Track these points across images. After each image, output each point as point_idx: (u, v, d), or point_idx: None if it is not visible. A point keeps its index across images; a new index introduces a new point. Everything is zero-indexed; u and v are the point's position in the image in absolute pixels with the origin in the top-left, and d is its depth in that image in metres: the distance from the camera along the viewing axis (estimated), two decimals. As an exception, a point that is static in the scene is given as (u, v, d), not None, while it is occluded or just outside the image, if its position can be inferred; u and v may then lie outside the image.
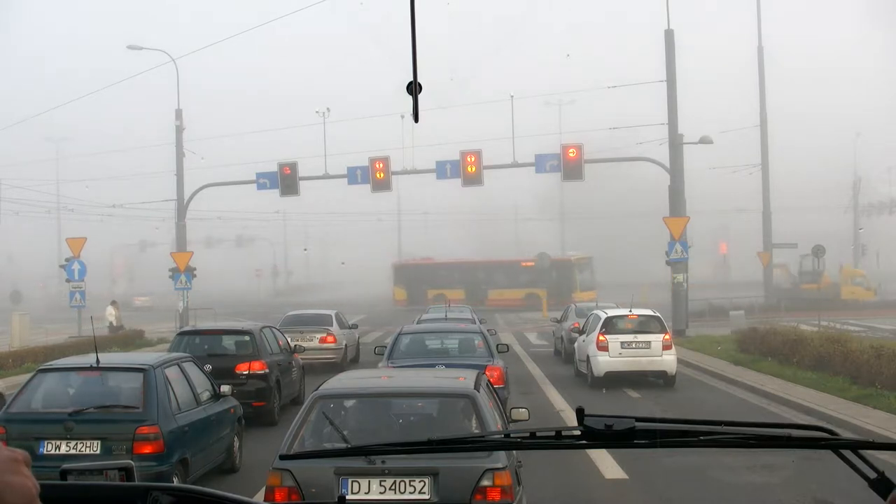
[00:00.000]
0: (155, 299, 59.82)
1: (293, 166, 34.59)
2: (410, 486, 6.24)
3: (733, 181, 44.61)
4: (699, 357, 23.36)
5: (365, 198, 38.59)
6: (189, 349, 14.53)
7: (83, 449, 8.80)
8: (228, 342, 15.90)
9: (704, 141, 31.31)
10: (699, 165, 37.59)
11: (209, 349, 15.25)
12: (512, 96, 35.00)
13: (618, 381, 18.35)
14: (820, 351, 18.37)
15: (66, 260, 30.46)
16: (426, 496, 6.21)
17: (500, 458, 6.30)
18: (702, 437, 2.30)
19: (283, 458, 6.07)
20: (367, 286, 64.96)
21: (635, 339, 18.64)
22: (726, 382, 19.27)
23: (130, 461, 2.47)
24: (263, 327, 16.49)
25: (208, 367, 12.62)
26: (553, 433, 2.32)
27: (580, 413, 2.24)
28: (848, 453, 2.27)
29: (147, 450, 8.71)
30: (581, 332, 20.65)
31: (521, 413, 8.50)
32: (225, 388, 11.00)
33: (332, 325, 23.21)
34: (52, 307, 53.46)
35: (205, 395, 10.41)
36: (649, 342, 18.59)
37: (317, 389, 7.25)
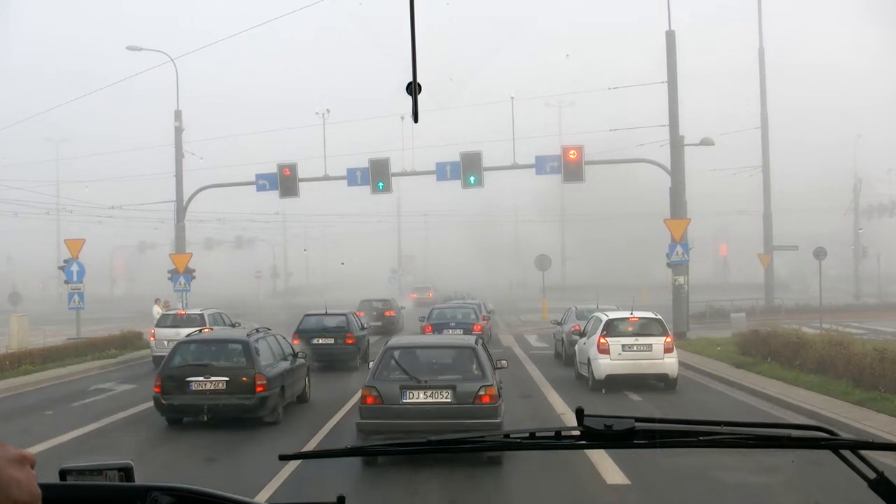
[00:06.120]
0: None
1: (293, 168, 34.51)
2: (440, 394, 11.47)
3: (734, 183, 44.59)
4: (700, 360, 23.23)
5: (365, 199, 38.49)
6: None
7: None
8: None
9: (706, 142, 31.21)
10: (700, 167, 37.50)
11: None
12: (512, 97, 34.94)
13: (619, 384, 18.23)
14: (822, 354, 18.25)
15: (65, 261, 30.38)
16: (449, 399, 11.42)
17: (489, 379, 11.54)
18: (701, 438, 2.28)
19: (282, 458, 6.28)
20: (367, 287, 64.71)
21: (636, 342, 18.51)
22: (728, 385, 19.15)
23: (130, 461, 2.42)
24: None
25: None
26: (553, 433, 2.31)
27: (580, 413, 2.23)
28: (848, 454, 2.26)
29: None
30: (582, 334, 20.53)
31: (502, 364, 13.28)
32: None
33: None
34: (48, 309, 53.34)
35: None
36: (650, 345, 18.46)
37: (386, 344, 12.93)
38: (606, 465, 10.50)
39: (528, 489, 9.94)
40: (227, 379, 14.60)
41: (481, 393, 11.30)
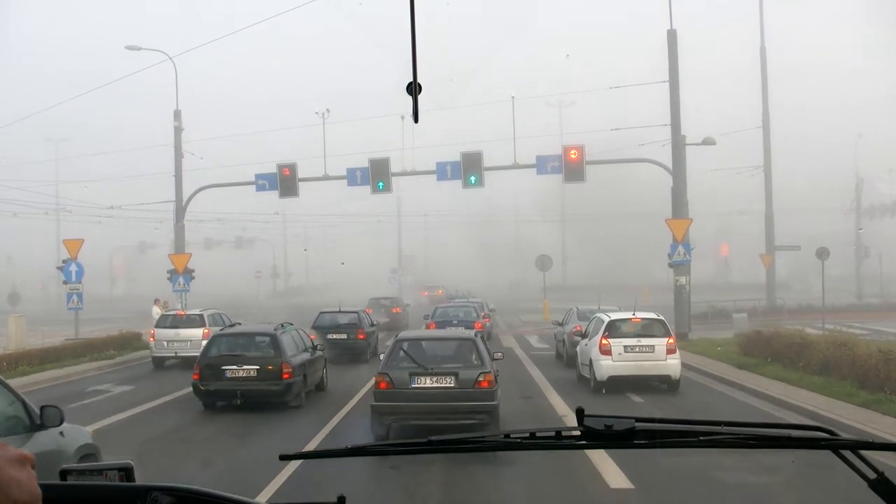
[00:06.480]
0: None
1: (292, 168, 34.36)
2: (444, 379, 12.79)
3: (735, 182, 44.39)
4: (702, 361, 23.07)
5: (365, 199, 38.36)
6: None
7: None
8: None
9: (707, 142, 31.05)
10: (701, 166, 37.33)
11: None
12: (513, 97, 34.73)
13: (621, 385, 18.07)
14: (826, 355, 18.07)
15: (64, 261, 30.22)
16: (452, 385, 12.74)
17: (488, 367, 12.95)
18: (701, 438, 2.28)
19: (282, 458, 6.50)
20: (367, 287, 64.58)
21: (639, 343, 18.35)
22: (731, 387, 19.00)
23: (130, 461, 2.45)
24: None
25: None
26: (553, 433, 2.30)
27: (580, 413, 2.22)
28: (848, 454, 2.25)
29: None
30: (584, 335, 20.37)
31: (498, 355, 14.83)
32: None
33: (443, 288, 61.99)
34: (48, 309, 53.18)
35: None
36: (653, 346, 18.29)
37: (397, 336, 14.36)
38: (609, 468, 10.35)
39: (530, 494, 9.80)
40: (258, 367, 16.48)
41: (480, 379, 12.78)
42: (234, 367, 16.45)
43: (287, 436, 13.86)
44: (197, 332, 25.20)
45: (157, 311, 29.81)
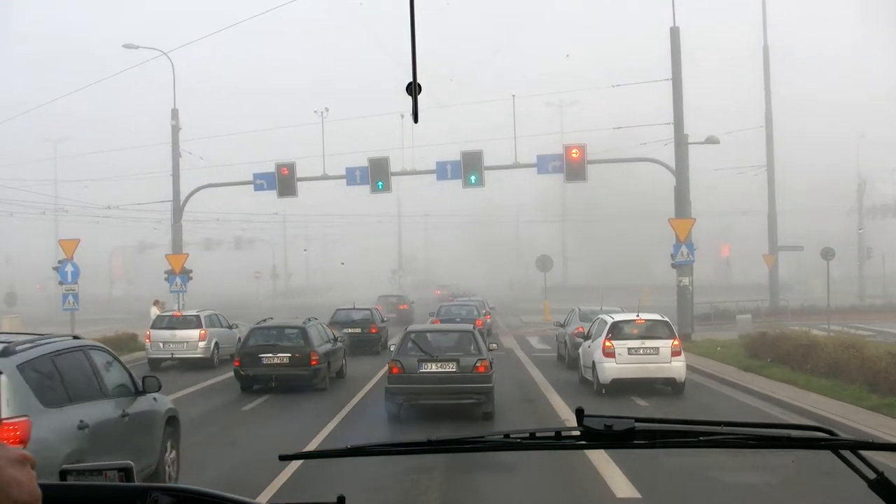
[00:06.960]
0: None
1: (291, 167, 34.03)
2: (447, 365, 14.70)
3: (736, 182, 44.14)
4: (706, 362, 22.76)
5: (364, 199, 38.05)
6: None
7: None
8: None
9: (711, 141, 30.72)
10: (703, 166, 37.00)
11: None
12: (514, 96, 34.40)
13: (625, 388, 17.75)
14: (834, 357, 17.73)
15: (59, 262, 29.92)
16: (454, 370, 14.64)
17: (484, 355, 14.90)
18: (701, 438, 2.27)
19: (282, 458, 6.48)
20: (368, 287, 64.33)
21: (643, 345, 18.03)
22: (736, 389, 18.67)
23: (130, 462, 2.47)
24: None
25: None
26: (553, 433, 2.29)
27: (580, 413, 2.22)
28: (847, 454, 2.25)
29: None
30: (586, 337, 20.06)
31: (493, 346, 16.86)
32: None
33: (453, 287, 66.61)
34: (47, 309, 52.87)
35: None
36: (657, 348, 17.97)
37: (407, 328, 16.43)
38: (615, 475, 10.06)
39: (533, 502, 9.50)
40: (290, 355, 18.82)
41: (478, 364, 14.70)
42: (270, 355, 18.86)
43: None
44: (193, 334, 24.94)
45: (155, 312, 29.51)
